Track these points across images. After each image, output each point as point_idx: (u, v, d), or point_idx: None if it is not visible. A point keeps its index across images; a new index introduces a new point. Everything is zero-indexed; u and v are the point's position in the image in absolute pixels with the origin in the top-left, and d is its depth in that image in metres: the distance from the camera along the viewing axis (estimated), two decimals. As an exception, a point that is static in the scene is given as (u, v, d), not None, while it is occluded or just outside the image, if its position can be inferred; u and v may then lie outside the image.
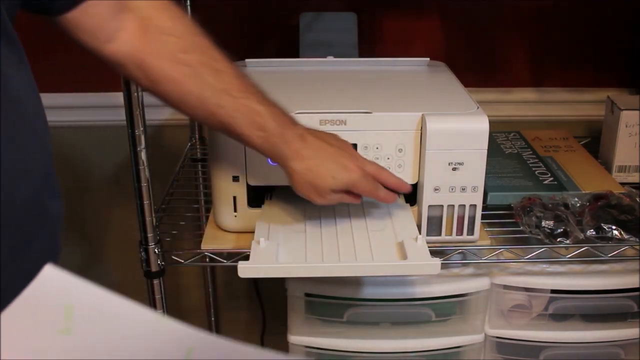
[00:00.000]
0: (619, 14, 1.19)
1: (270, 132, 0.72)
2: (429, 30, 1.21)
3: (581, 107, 1.25)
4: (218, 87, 0.70)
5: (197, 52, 0.69)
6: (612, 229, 0.88)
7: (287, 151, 0.73)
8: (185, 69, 0.68)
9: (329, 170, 0.74)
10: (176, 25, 0.69)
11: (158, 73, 0.68)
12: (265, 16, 1.19)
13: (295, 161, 0.73)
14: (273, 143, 0.72)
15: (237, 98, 0.71)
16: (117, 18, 0.66)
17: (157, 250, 0.87)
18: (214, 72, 0.70)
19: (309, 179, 0.74)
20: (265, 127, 0.72)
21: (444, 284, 0.94)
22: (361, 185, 0.76)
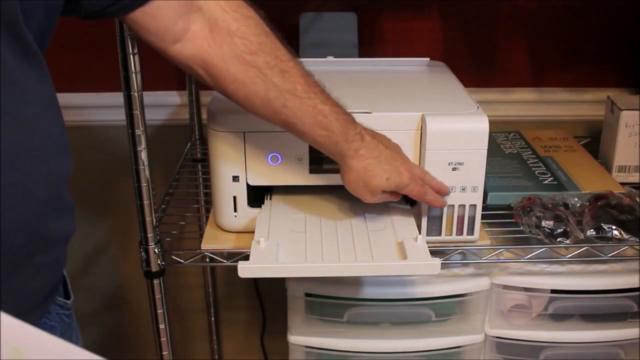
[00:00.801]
0: (619, 14, 1.19)
1: (333, 131, 0.74)
2: (429, 30, 1.21)
3: (581, 107, 1.25)
4: (283, 88, 0.71)
5: (263, 53, 0.70)
6: (612, 229, 0.88)
7: (347, 150, 0.75)
8: (252, 70, 0.69)
9: (384, 171, 0.76)
10: (243, 26, 0.69)
11: (224, 74, 0.69)
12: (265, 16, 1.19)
13: (353, 159, 0.76)
14: (335, 142, 0.74)
15: (302, 98, 0.72)
16: (184, 19, 0.66)
17: (157, 250, 0.87)
18: (280, 73, 0.71)
19: (364, 177, 0.76)
20: (328, 126, 0.73)
21: (444, 284, 0.94)
22: (410, 188, 0.78)
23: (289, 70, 0.71)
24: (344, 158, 0.76)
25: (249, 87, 0.70)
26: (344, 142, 0.75)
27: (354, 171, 0.76)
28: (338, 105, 0.75)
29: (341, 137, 0.74)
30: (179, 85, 1.23)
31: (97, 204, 1.31)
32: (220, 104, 0.86)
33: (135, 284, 1.35)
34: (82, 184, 1.27)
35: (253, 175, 0.86)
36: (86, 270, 1.38)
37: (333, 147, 0.75)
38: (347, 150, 0.75)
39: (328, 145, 0.75)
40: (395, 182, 0.77)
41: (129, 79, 0.78)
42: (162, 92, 1.22)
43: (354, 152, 0.76)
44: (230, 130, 0.83)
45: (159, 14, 0.64)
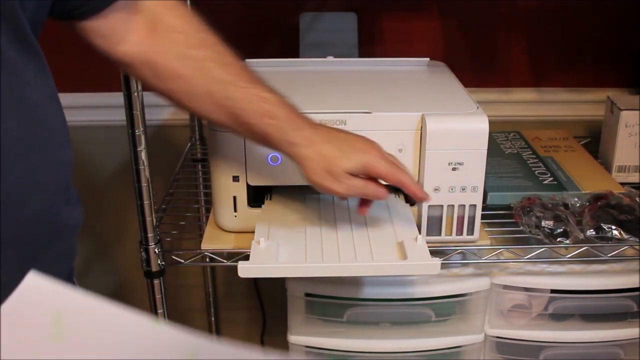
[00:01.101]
0: (619, 14, 1.19)
1: (280, 118, 0.71)
2: (429, 30, 1.21)
3: (581, 107, 1.25)
4: (226, 79, 0.70)
5: (204, 47, 0.70)
6: (611, 229, 0.88)
7: (297, 138, 0.71)
8: (193, 64, 0.69)
9: (343, 152, 0.71)
10: (184, 23, 0.69)
11: (166, 70, 0.68)
12: (265, 16, 1.19)
13: (308, 148, 0.71)
14: (283, 130, 0.71)
15: (245, 88, 0.70)
16: (128, 20, 0.66)
17: (157, 250, 0.87)
18: (221, 65, 0.70)
19: (322, 164, 0.70)
20: (274, 114, 0.71)
21: (443, 284, 0.94)
22: (380, 165, 0.71)
23: (231, 63, 0.71)
24: (296, 147, 0.71)
25: (191, 82, 0.69)
26: (292, 129, 0.71)
27: (310, 160, 0.71)
28: (283, 96, 0.72)
29: (289, 125, 0.71)
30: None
31: (97, 204, 1.31)
32: (220, 104, 0.86)
33: (135, 284, 1.35)
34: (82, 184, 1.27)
35: (253, 175, 0.86)
36: (86, 270, 1.38)
37: (282, 136, 0.70)
38: (297, 138, 0.70)
39: (277, 135, 0.71)
40: (359, 160, 0.71)
41: (129, 79, 0.79)
42: (162, 92, 1.22)
43: (306, 140, 0.71)
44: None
45: (112, 16, 0.65)
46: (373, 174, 0.72)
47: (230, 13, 1.18)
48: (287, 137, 0.71)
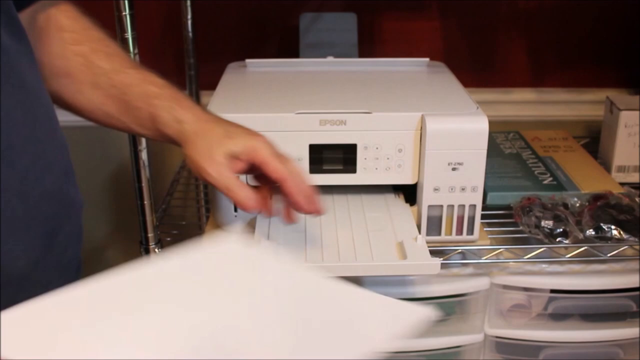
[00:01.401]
0: (619, 14, 1.19)
1: (167, 98, 0.68)
2: (429, 30, 1.21)
3: (581, 107, 1.25)
4: (110, 68, 0.68)
5: (89, 42, 0.69)
6: (611, 229, 0.88)
7: (186, 115, 0.67)
8: (78, 59, 0.68)
9: (228, 133, 0.66)
10: (73, 22, 0.69)
11: (52, 70, 0.68)
12: (265, 17, 1.19)
13: (194, 124, 0.67)
14: (171, 109, 0.67)
15: (129, 74, 0.68)
16: (35, 15, 0.67)
17: (157, 250, 0.87)
18: (106, 56, 0.69)
19: (206, 142, 0.65)
20: (161, 94, 0.68)
21: (443, 283, 0.94)
22: (266, 151, 0.65)
23: (116, 53, 0.69)
24: (186, 124, 0.66)
25: (76, 77, 0.68)
26: (181, 108, 0.67)
27: (196, 136, 0.66)
28: (169, 83, 0.70)
29: (177, 104, 0.68)
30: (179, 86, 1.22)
31: (97, 204, 1.31)
32: (220, 105, 0.86)
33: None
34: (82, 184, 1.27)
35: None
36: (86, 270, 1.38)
37: (170, 114, 0.67)
38: (186, 115, 0.67)
39: (165, 115, 0.67)
40: (245, 143, 0.65)
41: (129, 79, 0.79)
42: (162, 92, 1.22)
43: (195, 117, 0.67)
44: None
45: (28, 15, 0.65)
46: (257, 159, 0.65)
47: (230, 13, 1.18)
48: (175, 114, 0.67)
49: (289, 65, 1.03)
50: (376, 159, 0.84)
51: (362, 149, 0.84)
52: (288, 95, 0.90)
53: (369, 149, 0.84)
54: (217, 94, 0.91)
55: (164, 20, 1.18)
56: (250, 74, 1.01)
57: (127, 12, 0.76)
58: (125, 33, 0.76)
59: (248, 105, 0.87)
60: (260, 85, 0.96)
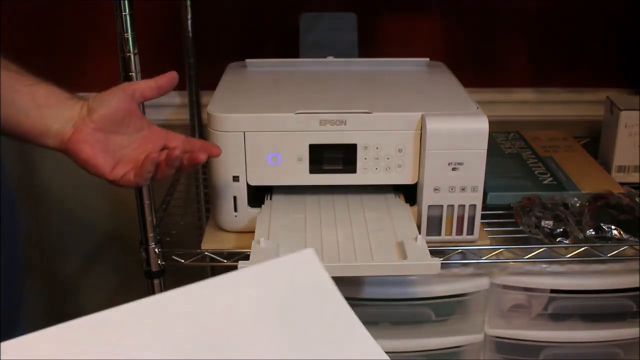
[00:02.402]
0: (619, 14, 1.19)
1: (41, 81, 0.68)
2: (429, 30, 1.21)
3: (581, 107, 1.25)
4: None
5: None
6: (611, 229, 0.88)
7: (69, 99, 0.68)
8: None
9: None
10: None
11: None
12: (265, 17, 1.19)
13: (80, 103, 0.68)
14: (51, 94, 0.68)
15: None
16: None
17: (157, 250, 0.87)
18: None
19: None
20: (30, 78, 0.68)
21: (443, 284, 0.94)
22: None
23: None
24: (65, 104, 0.68)
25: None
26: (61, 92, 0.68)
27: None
28: None
29: (55, 87, 0.68)
30: (179, 86, 1.22)
31: (98, 204, 1.31)
32: (220, 105, 0.86)
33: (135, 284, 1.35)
34: (83, 184, 1.27)
35: (253, 175, 0.86)
36: (86, 270, 1.38)
37: (56, 102, 0.67)
38: (69, 99, 0.68)
39: (52, 102, 0.67)
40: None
41: (129, 79, 0.79)
42: (162, 92, 1.22)
43: (78, 103, 0.68)
44: (230, 130, 0.83)
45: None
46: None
47: (230, 13, 1.18)
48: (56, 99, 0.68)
49: (289, 65, 1.03)
50: (376, 159, 0.84)
51: (362, 149, 0.84)
52: (288, 95, 0.90)
53: (369, 149, 0.84)
54: (217, 94, 0.91)
55: (164, 20, 1.18)
56: (250, 74, 1.01)
57: (127, 12, 0.76)
58: (125, 33, 0.76)
59: (248, 105, 0.87)
60: (260, 85, 0.96)
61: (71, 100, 0.69)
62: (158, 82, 0.71)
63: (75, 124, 0.67)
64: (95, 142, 0.67)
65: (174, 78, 0.72)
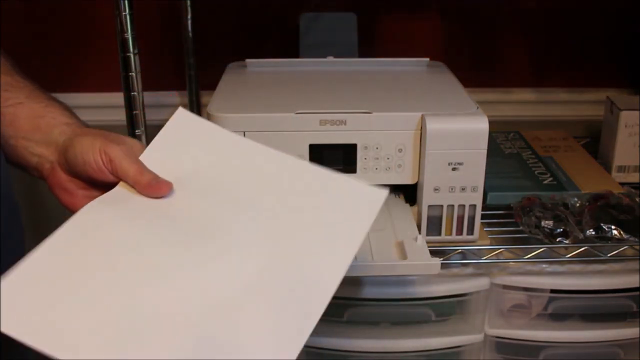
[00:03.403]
0: (619, 14, 1.19)
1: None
2: (429, 30, 1.21)
3: (581, 107, 1.25)
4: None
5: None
6: (611, 229, 0.88)
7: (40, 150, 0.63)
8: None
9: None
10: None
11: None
12: (265, 17, 1.19)
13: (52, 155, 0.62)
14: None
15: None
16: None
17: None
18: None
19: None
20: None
21: (443, 283, 0.94)
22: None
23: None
24: (45, 135, 0.62)
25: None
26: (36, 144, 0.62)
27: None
28: None
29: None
30: (179, 85, 1.23)
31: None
32: (220, 105, 0.86)
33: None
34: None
35: (253, 175, 0.85)
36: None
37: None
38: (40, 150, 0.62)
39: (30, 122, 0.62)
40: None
41: (129, 79, 0.79)
42: (162, 92, 1.23)
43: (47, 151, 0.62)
44: (230, 130, 0.83)
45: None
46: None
47: (230, 13, 1.18)
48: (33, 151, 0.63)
49: (289, 65, 1.03)
50: (376, 159, 0.84)
51: (362, 149, 0.84)
52: (288, 95, 0.90)
53: (369, 149, 0.84)
54: (217, 94, 0.91)
55: (164, 20, 1.18)
56: (250, 74, 1.01)
57: (127, 12, 0.76)
58: (125, 33, 0.76)
59: (248, 105, 0.87)
60: (260, 85, 0.96)
61: (54, 129, 0.63)
62: (142, 180, 0.59)
63: (52, 162, 0.63)
64: (74, 190, 0.63)
65: (161, 193, 0.60)
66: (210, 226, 0.55)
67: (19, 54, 0.70)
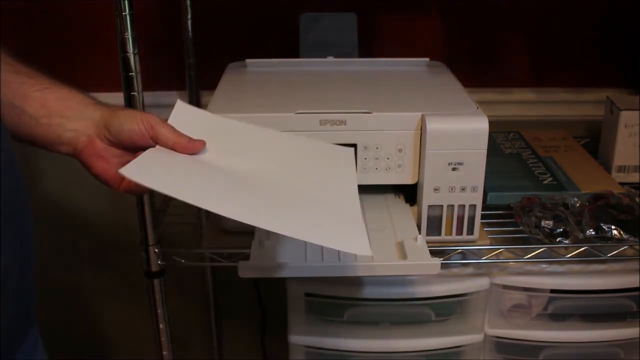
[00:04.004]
0: (619, 13, 1.19)
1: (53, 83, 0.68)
2: (429, 30, 1.21)
3: (581, 107, 1.25)
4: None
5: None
6: (611, 229, 0.88)
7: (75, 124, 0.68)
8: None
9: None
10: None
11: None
12: (265, 17, 1.19)
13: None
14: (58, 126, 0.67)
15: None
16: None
17: (157, 251, 0.87)
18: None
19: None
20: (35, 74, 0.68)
21: (443, 283, 0.94)
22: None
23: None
24: (79, 111, 0.68)
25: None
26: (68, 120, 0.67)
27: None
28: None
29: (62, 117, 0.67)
30: (179, 85, 1.23)
31: (98, 204, 1.31)
32: (220, 104, 0.86)
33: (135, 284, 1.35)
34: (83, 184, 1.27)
35: (253, 175, 0.85)
36: (86, 269, 1.38)
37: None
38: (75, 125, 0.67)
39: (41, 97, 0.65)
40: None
41: (129, 78, 0.79)
42: (162, 92, 1.22)
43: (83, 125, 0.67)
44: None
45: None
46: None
47: (230, 13, 1.18)
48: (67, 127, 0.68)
49: (289, 65, 1.03)
50: (376, 159, 0.84)
51: (362, 149, 0.84)
52: (288, 95, 0.90)
53: (369, 149, 0.84)
54: (217, 94, 0.91)
55: (164, 20, 1.18)
56: (250, 74, 1.01)
57: (127, 12, 0.76)
58: (125, 33, 0.76)
59: (248, 105, 0.87)
60: (260, 85, 0.96)
61: (87, 107, 0.69)
62: (182, 140, 0.70)
63: (89, 135, 0.68)
64: (109, 157, 0.69)
65: (199, 148, 0.71)
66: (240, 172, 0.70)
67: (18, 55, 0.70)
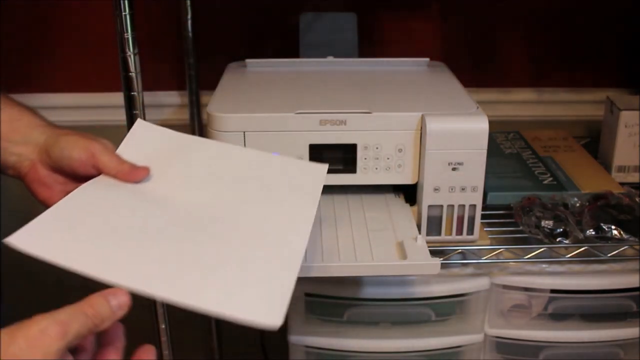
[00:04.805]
0: (619, 14, 1.19)
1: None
2: (429, 30, 1.21)
3: (581, 107, 1.25)
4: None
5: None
6: (611, 229, 0.88)
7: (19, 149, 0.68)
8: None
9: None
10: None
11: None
12: (265, 17, 1.19)
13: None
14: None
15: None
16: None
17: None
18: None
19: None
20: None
21: (443, 284, 0.94)
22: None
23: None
24: (23, 135, 0.67)
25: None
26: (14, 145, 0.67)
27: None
28: None
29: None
30: (179, 85, 1.23)
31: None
32: (220, 105, 0.86)
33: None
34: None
35: (253, 175, 0.85)
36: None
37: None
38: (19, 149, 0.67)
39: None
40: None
41: (129, 79, 0.79)
42: (162, 92, 1.23)
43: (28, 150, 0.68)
44: (230, 130, 0.83)
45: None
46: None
47: (230, 13, 1.18)
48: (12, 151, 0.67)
49: (289, 65, 1.03)
50: (376, 159, 0.84)
51: (362, 149, 0.84)
52: (288, 95, 0.90)
53: (369, 149, 0.84)
54: (217, 94, 0.91)
55: (164, 20, 1.18)
56: (250, 74, 1.01)
57: (127, 12, 0.76)
58: (125, 33, 0.76)
59: (248, 105, 0.87)
60: (260, 85, 0.96)
61: (34, 130, 0.68)
62: (124, 169, 0.67)
63: (33, 160, 0.67)
64: (52, 184, 0.67)
65: (141, 177, 0.67)
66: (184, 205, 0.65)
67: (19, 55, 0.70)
